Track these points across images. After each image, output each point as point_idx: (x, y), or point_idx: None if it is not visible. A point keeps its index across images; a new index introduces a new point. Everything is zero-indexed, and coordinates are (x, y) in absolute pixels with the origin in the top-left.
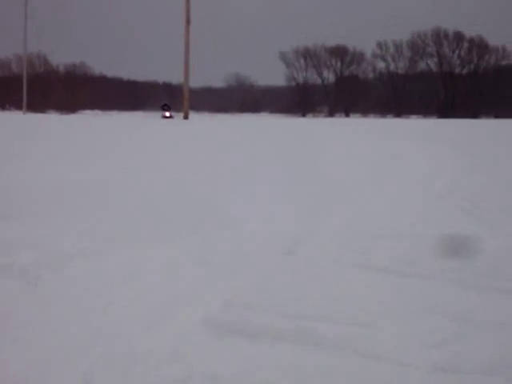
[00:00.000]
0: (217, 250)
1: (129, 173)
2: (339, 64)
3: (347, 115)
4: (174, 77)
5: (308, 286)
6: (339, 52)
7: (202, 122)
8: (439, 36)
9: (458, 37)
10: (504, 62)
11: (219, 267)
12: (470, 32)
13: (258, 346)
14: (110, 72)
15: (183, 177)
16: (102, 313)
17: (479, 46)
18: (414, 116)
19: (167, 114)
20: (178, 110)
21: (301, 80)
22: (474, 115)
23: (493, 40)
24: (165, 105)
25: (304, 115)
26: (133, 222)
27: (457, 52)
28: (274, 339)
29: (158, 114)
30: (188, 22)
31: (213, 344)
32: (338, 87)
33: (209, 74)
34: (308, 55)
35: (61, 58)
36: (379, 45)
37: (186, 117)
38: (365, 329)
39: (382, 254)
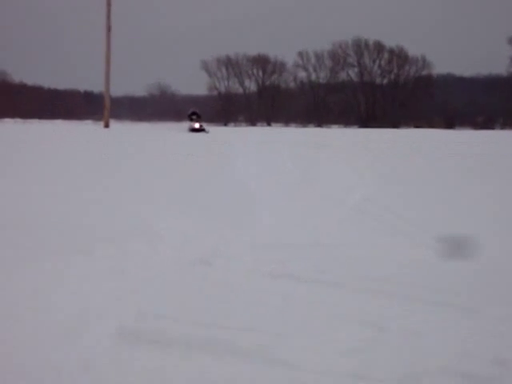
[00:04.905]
0: (133, 261)
1: (50, 185)
2: (261, 73)
3: (269, 124)
4: (96, 85)
5: (223, 295)
6: (261, 61)
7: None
8: (360, 46)
9: (379, 47)
10: (424, 73)
11: (134, 277)
12: (390, 42)
13: (171, 355)
14: (31, 80)
15: (101, 189)
16: (14, 323)
17: (399, 57)
18: (335, 126)
19: (197, 125)
20: (98, 118)
21: (223, 89)
22: (395, 125)
23: (413, 50)
24: (193, 113)
25: (226, 124)
26: (52, 233)
27: (377, 62)
28: (188, 348)
29: (77, 123)
30: (109, 28)
31: (126, 354)
32: (260, 96)
33: (131, 83)
34: (230, 64)
35: None
36: (300, 54)
37: (106, 125)
38: (279, 337)
39: (296, 264)
